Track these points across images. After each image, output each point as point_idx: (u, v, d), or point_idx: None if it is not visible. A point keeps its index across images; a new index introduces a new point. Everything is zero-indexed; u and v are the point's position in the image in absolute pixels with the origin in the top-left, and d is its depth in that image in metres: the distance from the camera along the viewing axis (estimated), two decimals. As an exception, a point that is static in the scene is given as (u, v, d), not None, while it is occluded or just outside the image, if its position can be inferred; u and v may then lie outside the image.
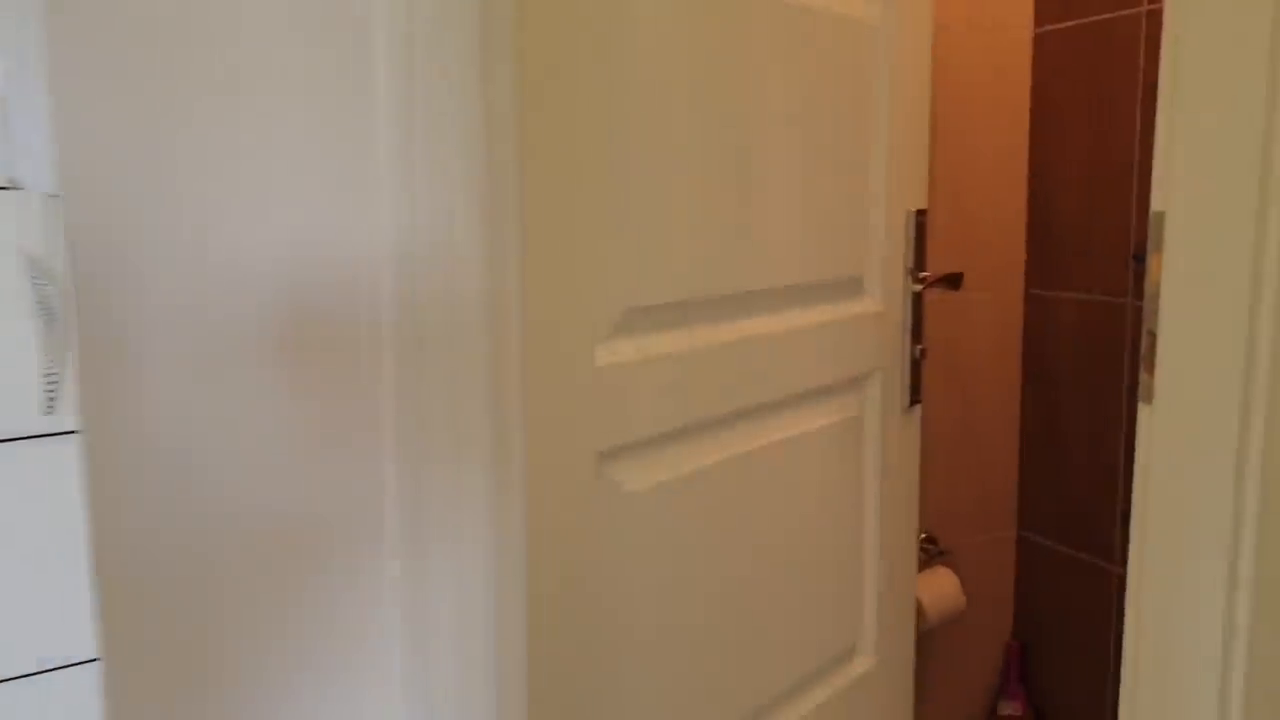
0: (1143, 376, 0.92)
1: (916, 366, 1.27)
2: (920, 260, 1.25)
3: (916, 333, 1.26)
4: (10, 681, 0.55)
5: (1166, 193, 0.92)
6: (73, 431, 0.56)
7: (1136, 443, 0.94)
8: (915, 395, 1.28)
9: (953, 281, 1.25)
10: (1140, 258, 1.74)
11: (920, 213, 1.25)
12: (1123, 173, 1.84)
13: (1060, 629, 2.08)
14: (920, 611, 1.97)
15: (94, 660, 0.57)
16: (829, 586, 1.16)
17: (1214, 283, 0.86)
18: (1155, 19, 1.76)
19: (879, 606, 1.22)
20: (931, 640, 2.10)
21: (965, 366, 2.05)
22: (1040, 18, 2.00)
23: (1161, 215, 0.92)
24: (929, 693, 2.12)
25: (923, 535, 2.05)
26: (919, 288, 1.26)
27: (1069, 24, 1.95)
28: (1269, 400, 0.84)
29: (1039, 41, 2.02)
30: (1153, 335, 0.90)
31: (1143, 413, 0.93)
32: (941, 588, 1.98)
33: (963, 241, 2.00)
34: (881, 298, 1.22)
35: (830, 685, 1.17)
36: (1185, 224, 0.89)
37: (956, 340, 2.03)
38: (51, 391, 0.56)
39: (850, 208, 1.15)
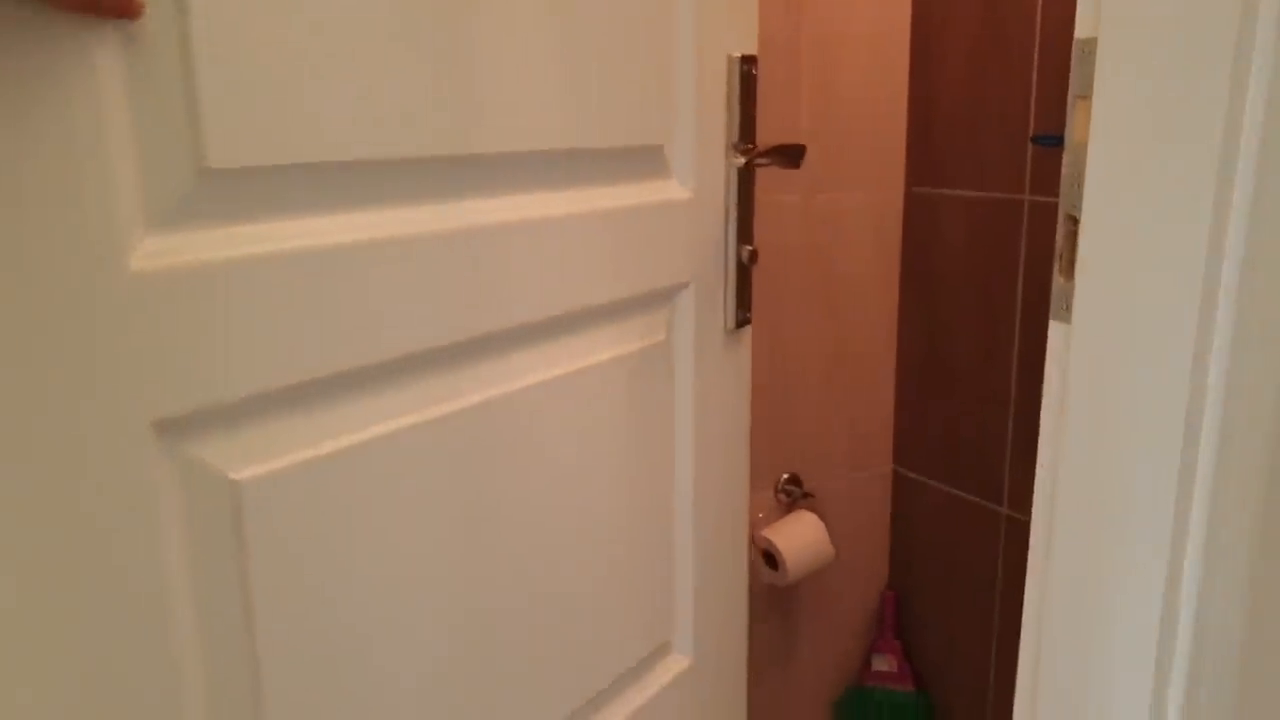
0: (1057, 283, 0.60)
1: (745, 274, 0.94)
2: (748, 129, 0.91)
3: (744, 229, 0.93)
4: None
5: (1099, 9, 0.59)
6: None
7: (1046, 371, 0.63)
8: (744, 313, 0.95)
9: (791, 156, 0.91)
10: (1041, 139, 1.44)
11: (747, 59, 0.90)
12: (1020, 43, 1.53)
13: (940, 577, 1.83)
14: (779, 564, 1.69)
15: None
16: (622, 576, 0.84)
17: (1171, 135, 0.54)
18: None
19: (696, 591, 0.91)
20: (795, 592, 1.83)
21: (835, 279, 1.74)
22: None
23: (1091, 43, 0.60)
24: (795, 648, 1.87)
25: (785, 476, 1.76)
26: (743, 161, 0.92)
27: None
28: (1237, 310, 0.53)
29: (928, -117, 1.67)
30: (1074, 221, 0.58)
31: (1056, 333, 0.62)
32: (805, 537, 1.70)
33: (830, 130, 1.67)
34: (694, 180, 0.87)
35: (628, 702, 0.86)
36: (1129, 53, 0.57)
37: (824, 248, 1.71)
38: None
39: (645, 49, 0.79)
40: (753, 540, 1.74)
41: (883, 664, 1.92)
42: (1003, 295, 1.62)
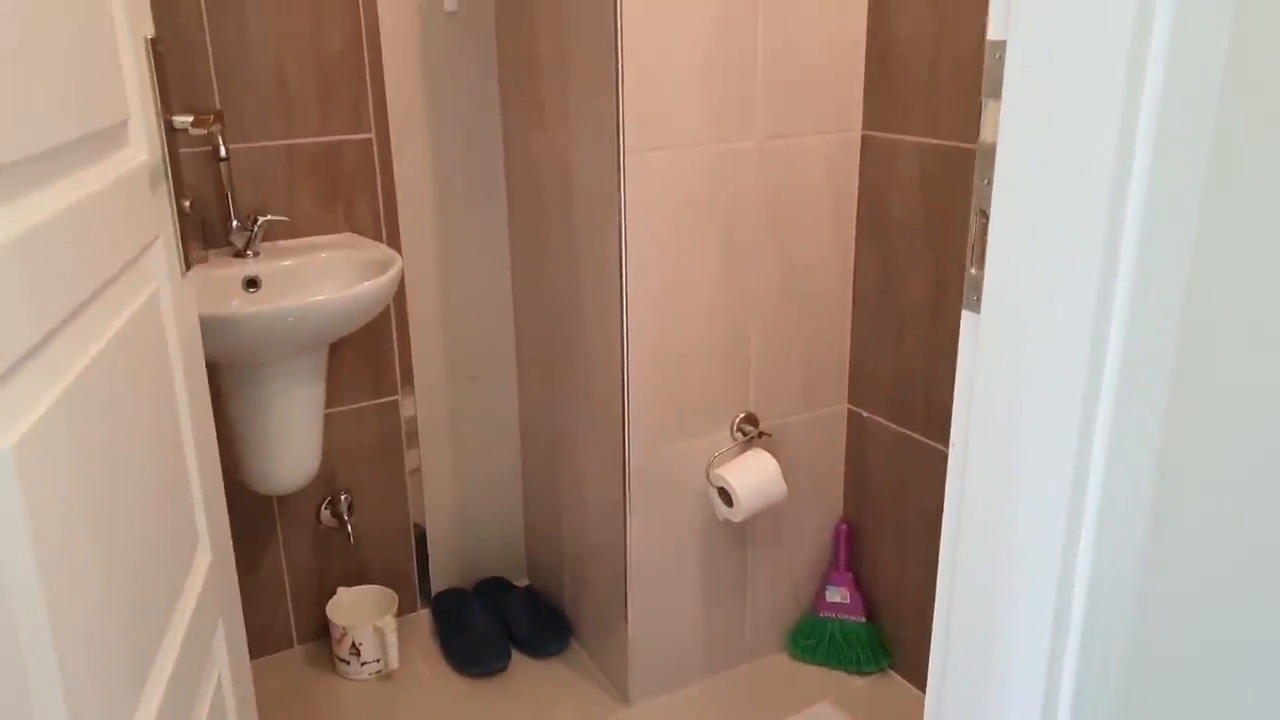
0: (969, 274, 0.63)
1: (187, 222, 1.05)
2: (166, 97, 0.99)
3: (178, 183, 1.04)
4: None
5: (1009, 11, 0.61)
6: None
7: (959, 358, 0.67)
8: (189, 258, 1.06)
9: (201, 115, 1.04)
10: (988, 91, 1.45)
11: (155, 40, 0.98)
12: (979, -13, 1.53)
13: (892, 512, 1.89)
14: (732, 501, 1.74)
15: None
16: (170, 493, 0.95)
17: (1071, 143, 0.57)
18: None
19: (204, 499, 1.05)
20: (751, 526, 1.89)
21: (793, 222, 1.76)
22: None
23: (1001, 46, 0.62)
24: (751, 579, 1.93)
25: (741, 415, 1.80)
26: (186, 123, 1.02)
27: None
28: (1130, 312, 0.56)
29: None
30: (984, 217, 0.61)
31: (967, 322, 0.65)
32: (759, 475, 1.75)
33: (788, 76, 1.67)
34: (146, 146, 0.95)
35: (189, 597, 0.98)
36: (1035, 56, 0.59)
37: (780, 191, 1.72)
38: None
39: (98, 40, 0.84)
40: (708, 478, 1.79)
41: (836, 595, 1.99)
42: (956, 241, 1.64)
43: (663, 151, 1.59)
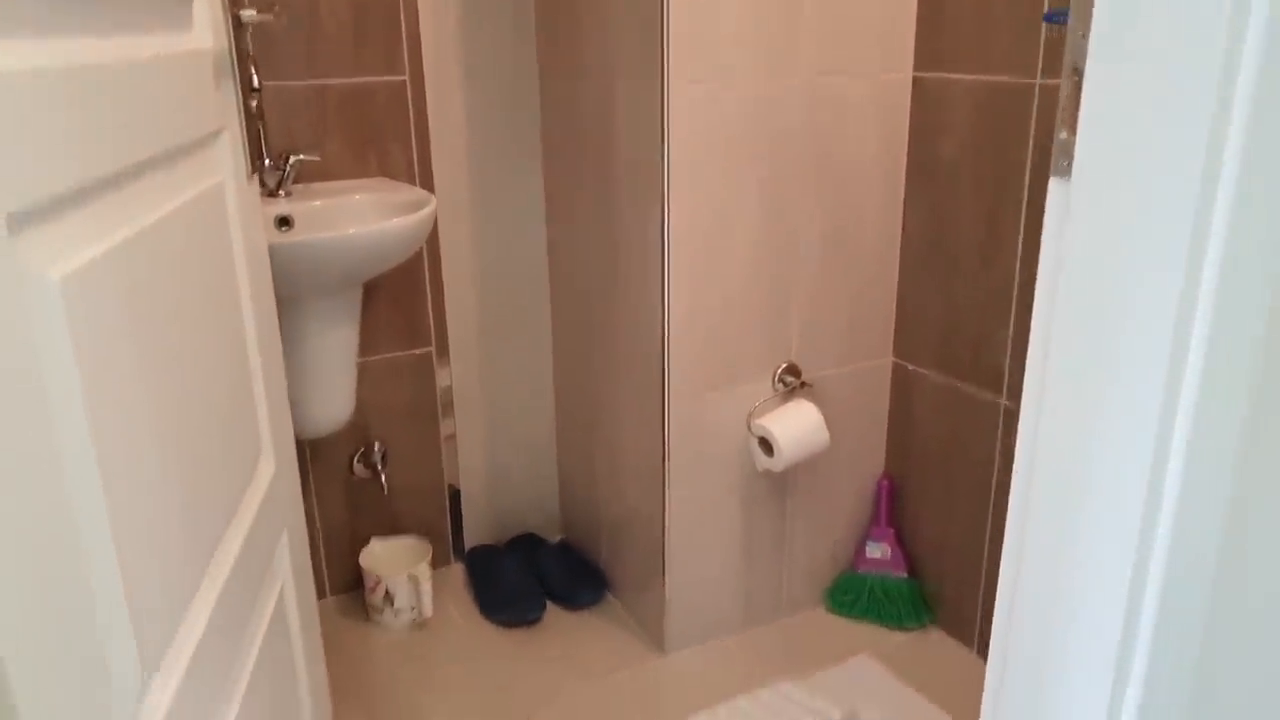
0: (1059, 138, 0.58)
1: (253, 123, 1.01)
2: None
3: (246, 80, 0.99)
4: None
5: None
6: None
7: (1044, 231, 0.62)
8: (256, 161, 1.02)
9: (267, 4, 0.99)
10: (1054, 16, 1.38)
11: None
12: (1040, -88, 1.46)
13: (937, 467, 1.85)
14: (774, 450, 1.70)
15: None
16: (233, 394, 0.91)
17: None
18: None
19: (269, 405, 1.02)
20: (792, 479, 1.85)
21: (840, 166, 1.70)
22: None
23: None
24: (790, 534, 1.90)
25: (783, 365, 1.76)
26: (252, 16, 0.99)
27: None
28: (1242, 165, 0.51)
29: None
30: (1078, 75, 0.56)
31: (1056, 190, 0.60)
32: (801, 424, 1.71)
33: (837, 12, 1.60)
34: (211, 34, 0.90)
35: (252, 502, 0.96)
36: None
37: (827, 133, 1.67)
38: None
39: None
40: (749, 428, 1.75)
41: (876, 551, 1.95)
42: (1009, 184, 1.58)
43: (708, 86, 1.53)
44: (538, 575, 2.01)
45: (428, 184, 1.86)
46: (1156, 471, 0.57)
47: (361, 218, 1.68)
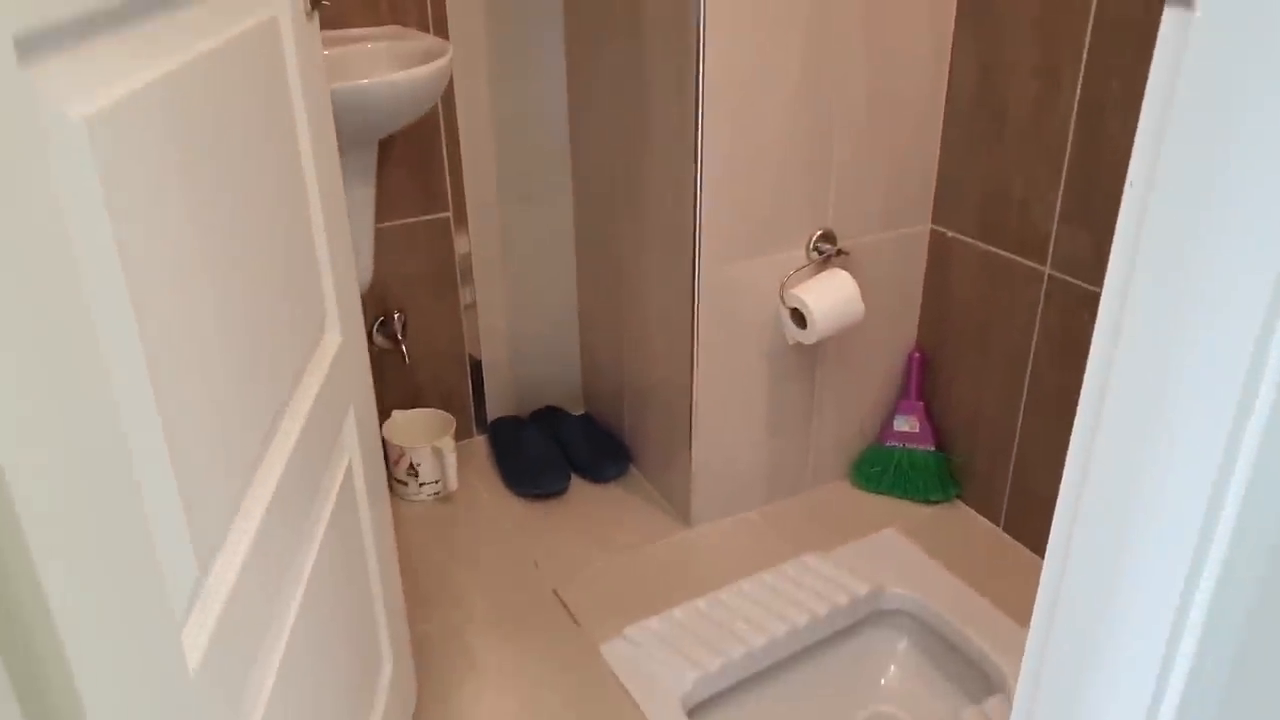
0: None
1: None
2: None
3: None
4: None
5: None
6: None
7: (1153, 66, 0.53)
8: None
9: None
10: None
11: None
12: None
13: (973, 338, 1.79)
14: (807, 322, 1.64)
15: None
16: (293, 256, 0.85)
17: None
18: None
19: (335, 270, 0.96)
20: (821, 349, 1.80)
21: (885, 10, 1.57)
22: None
23: None
24: (818, 404, 1.86)
25: (819, 232, 1.68)
26: None
27: None
28: None
29: None
30: None
31: (1173, 22, 0.51)
32: (835, 295, 1.64)
33: None
34: None
35: (316, 373, 0.91)
36: None
37: (876, -26, 1.54)
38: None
39: None
40: (781, 298, 1.68)
41: (904, 424, 1.91)
42: (1068, 27, 1.46)
43: (745, -76, 1.40)
44: (561, 448, 1.99)
45: (442, 32, 1.75)
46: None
47: (374, 67, 1.58)
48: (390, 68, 1.57)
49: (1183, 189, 0.54)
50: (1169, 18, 0.56)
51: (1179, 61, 0.52)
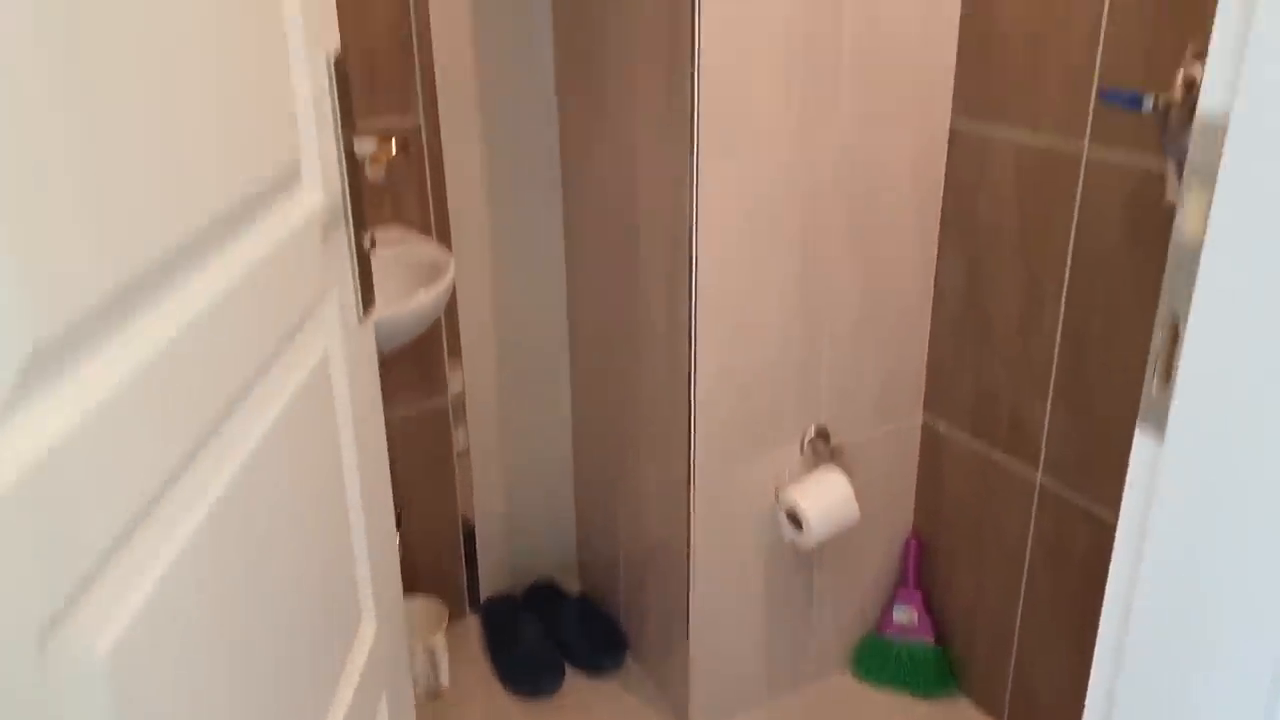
0: (1150, 391, 0.51)
1: (366, 263, 0.92)
2: (349, 121, 0.85)
3: (359, 216, 0.90)
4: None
5: (1239, 75, 0.48)
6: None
7: (1126, 488, 0.55)
8: (368, 300, 0.93)
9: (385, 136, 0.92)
10: (1111, 96, 1.30)
11: (339, 58, 0.84)
12: (1092, -30, 1.37)
13: (969, 530, 1.78)
14: (803, 525, 1.64)
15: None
16: (332, 570, 0.85)
17: None
18: None
19: (371, 565, 0.94)
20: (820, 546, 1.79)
21: (871, 219, 1.62)
22: None
23: (1221, 120, 0.49)
24: (815, 596, 1.84)
25: (813, 428, 1.69)
26: (357, 152, 0.87)
27: None
28: None
29: None
30: (1175, 327, 0.49)
31: (1143, 448, 0.53)
32: (831, 497, 1.64)
33: (872, 61, 1.53)
34: (322, 183, 0.81)
35: (353, 669, 0.89)
36: (1272, 136, 0.46)
37: (860, 185, 1.59)
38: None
39: (270, 60, 0.72)
40: (777, 498, 1.68)
41: (903, 615, 1.89)
42: (1051, 246, 1.50)
43: (739, 159, 1.46)
44: (556, 636, 1.95)
45: (444, 230, 1.80)
46: None
47: (385, 278, 1.62)
48: (400, 279, 1.60)
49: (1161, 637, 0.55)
50: (1139, 446, 0.57)
51: (1150, 493, 0.53)
